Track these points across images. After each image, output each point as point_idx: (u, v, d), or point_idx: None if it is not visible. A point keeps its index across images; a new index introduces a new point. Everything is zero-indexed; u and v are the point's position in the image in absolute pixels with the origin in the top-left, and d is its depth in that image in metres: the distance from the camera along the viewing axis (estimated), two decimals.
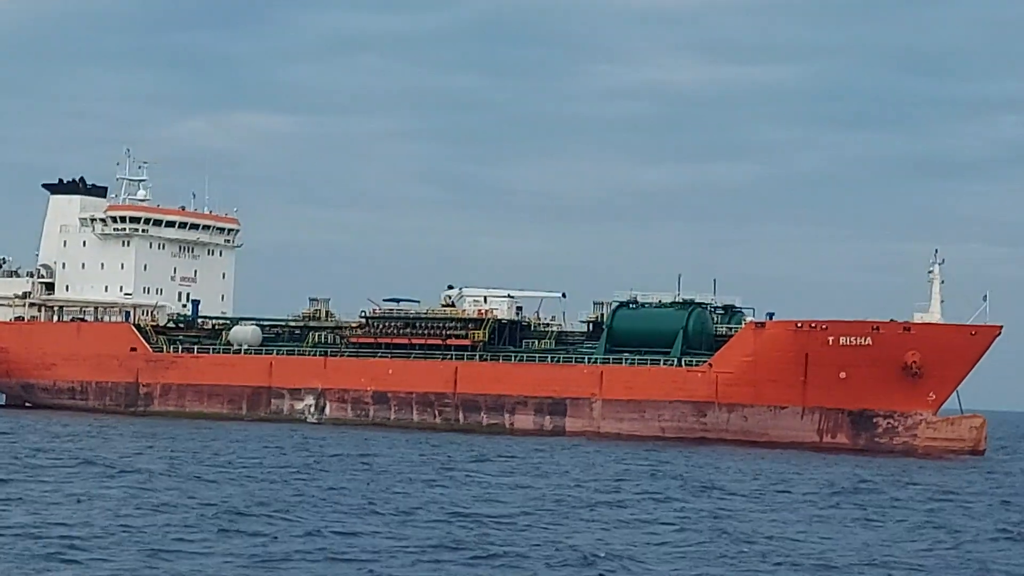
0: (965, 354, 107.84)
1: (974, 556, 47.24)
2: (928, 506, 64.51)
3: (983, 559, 46.53)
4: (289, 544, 42.64)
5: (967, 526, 56.62)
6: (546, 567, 40.83)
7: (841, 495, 68.13)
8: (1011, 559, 46.37)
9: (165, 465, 70.80)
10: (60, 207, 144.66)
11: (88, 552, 39.73)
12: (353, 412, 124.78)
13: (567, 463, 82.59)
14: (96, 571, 37.21)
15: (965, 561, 46.10)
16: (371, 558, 40.76)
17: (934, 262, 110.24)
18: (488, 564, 40.83)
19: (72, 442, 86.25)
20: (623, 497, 62.38)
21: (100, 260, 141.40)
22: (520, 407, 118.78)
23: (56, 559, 38.42)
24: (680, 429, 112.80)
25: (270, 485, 61.28)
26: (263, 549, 41.50)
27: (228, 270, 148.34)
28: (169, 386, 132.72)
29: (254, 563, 39.04)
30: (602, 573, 40.52)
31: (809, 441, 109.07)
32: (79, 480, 60.00)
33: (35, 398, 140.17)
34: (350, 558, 40.58)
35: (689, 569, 41.84)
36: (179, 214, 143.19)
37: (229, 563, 38.77)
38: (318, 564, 39.62)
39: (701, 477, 75.00)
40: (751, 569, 42.47)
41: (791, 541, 48.91)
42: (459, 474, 71.50)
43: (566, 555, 42.86)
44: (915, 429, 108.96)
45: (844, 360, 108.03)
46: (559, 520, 52.19)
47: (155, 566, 38.08)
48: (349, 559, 40.42)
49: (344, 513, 51.22)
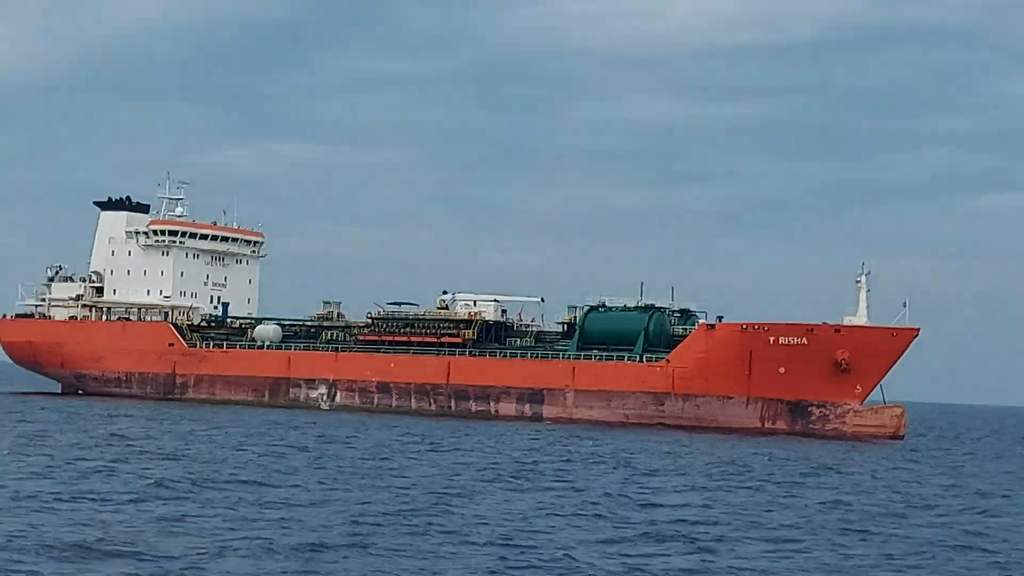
0: (887, 353, 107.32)
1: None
2: (798, 479, 62.98)
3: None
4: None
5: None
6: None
7: (728, 469, 67.29)
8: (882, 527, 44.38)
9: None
10: (109, 222, 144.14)
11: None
12: (360, 400, 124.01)
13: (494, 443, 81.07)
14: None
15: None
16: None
17: (861, 273, 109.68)
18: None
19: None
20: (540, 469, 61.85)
21: (143, 267, 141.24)
22: (504, 396, 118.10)
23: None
24: (641, 416, 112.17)
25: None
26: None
27: (254, 277, 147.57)
28: (202, 377, 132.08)
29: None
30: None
31: (753, 427, 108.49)
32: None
33: (86, 386, 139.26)
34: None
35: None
36: (211, 228, 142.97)
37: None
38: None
39: (626, 456, 73.38)
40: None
41: (669, 507, 47.43)
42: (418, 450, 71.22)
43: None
44: (844, 417, 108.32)
45: (783, 357, 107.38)
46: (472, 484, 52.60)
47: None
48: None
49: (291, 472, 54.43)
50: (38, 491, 43.09)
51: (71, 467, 51.97)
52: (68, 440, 67.21)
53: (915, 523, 45.30)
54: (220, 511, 40.03)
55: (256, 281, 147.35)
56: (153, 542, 33.58)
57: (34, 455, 57.12)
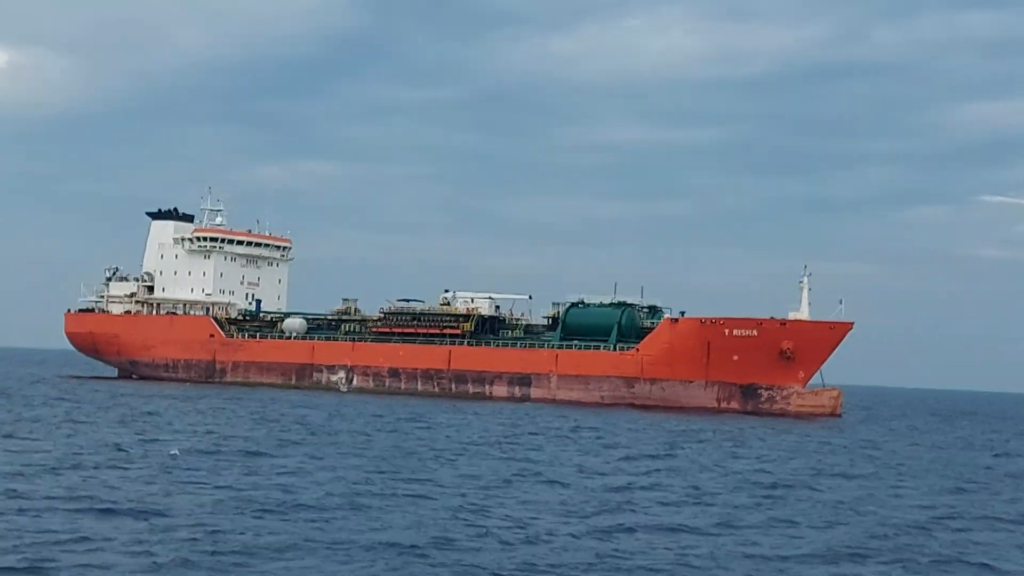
0: (826, 343, 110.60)
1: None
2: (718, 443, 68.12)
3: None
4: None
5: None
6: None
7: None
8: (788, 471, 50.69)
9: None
10: (159, 229, 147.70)
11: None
12: (374, 383, 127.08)
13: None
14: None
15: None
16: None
17: (804, 274, 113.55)
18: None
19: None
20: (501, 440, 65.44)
21: (187, 269, 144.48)
22: (497, 380, 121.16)
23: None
24: (615, 397, 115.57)
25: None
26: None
27: (283, 277, 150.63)
28: (238, 363, 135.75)
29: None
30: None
31: (711, 407, 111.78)
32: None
33: (139, 371, 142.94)
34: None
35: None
36: (246, 235, 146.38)
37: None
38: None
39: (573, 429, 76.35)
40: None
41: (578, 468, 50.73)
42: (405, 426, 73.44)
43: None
44: (789, 398, 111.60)
45: (736, 347, 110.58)
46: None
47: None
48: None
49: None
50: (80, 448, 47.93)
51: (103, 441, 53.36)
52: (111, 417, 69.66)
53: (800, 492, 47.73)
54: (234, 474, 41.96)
55: (285, 281, 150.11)
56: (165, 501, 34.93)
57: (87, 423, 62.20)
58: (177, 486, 38.44)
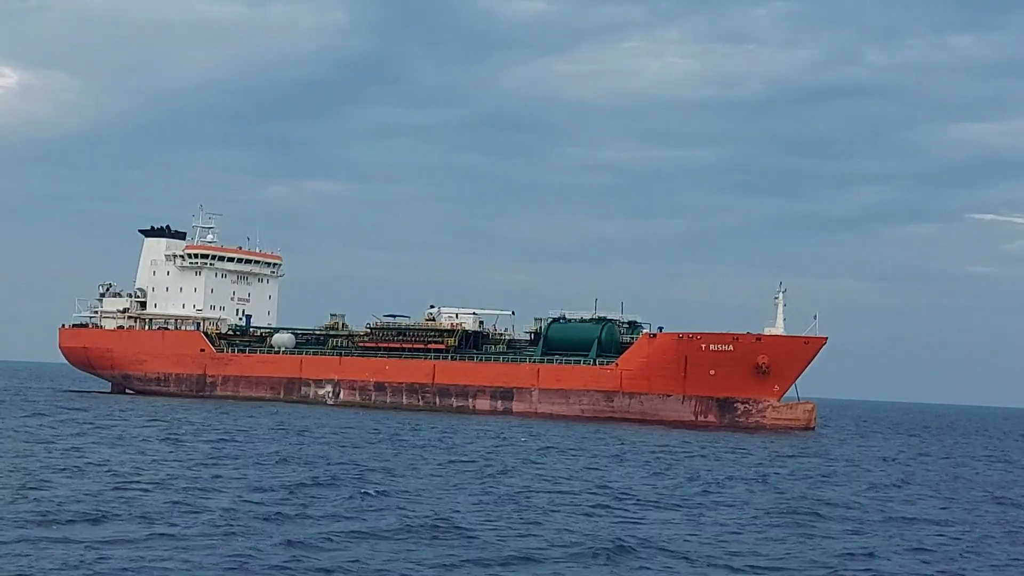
0: (800, 357, 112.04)
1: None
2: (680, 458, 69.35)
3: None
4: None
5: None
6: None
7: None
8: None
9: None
10: (151, 246, 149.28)
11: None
12: (360, 397, 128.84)
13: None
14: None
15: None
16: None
17: (779, 291, 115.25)
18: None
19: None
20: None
21: (179, 285, 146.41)
22: (480, 394, 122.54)
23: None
24: (594, 411, 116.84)
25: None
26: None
27: (273, 293, 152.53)
28: (228, 377, 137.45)
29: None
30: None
31: (688, 420, 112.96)
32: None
33: (131, 385, 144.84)
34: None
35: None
36: (237, 252, 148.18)
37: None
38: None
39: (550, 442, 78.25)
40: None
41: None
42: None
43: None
44: (764, 412, 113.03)
45: (713, 361, 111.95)
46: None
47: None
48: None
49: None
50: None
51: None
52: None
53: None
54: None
55: (276, 297, 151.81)
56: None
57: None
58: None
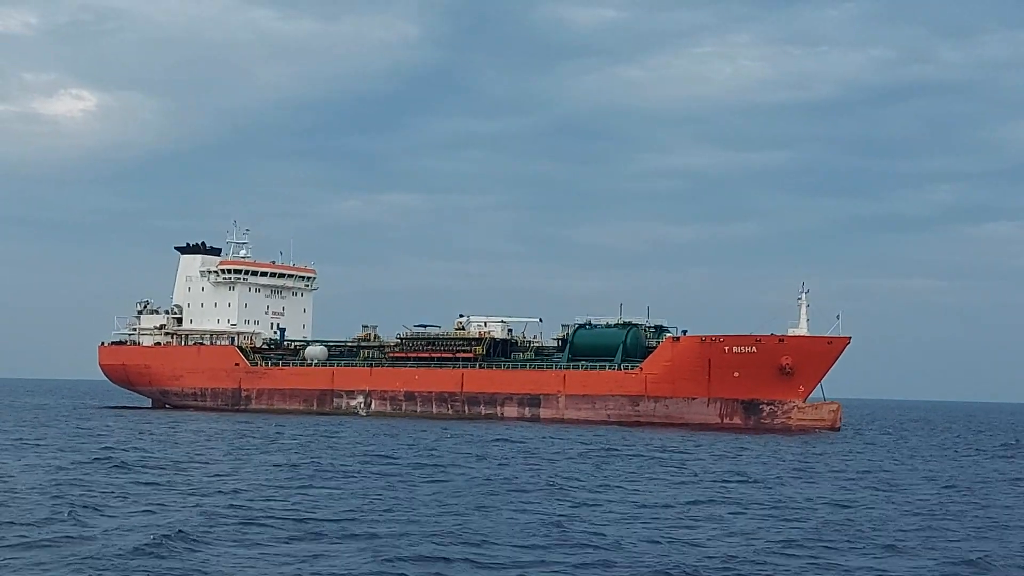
0: (824, 358, 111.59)
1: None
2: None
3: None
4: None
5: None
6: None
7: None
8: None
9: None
10: (187, 263, 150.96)
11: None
12: (391, 407, 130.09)
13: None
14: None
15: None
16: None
17: (801, 291, 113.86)
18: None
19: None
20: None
21: (214, 300, 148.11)
22: (508, 401, 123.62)
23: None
24: (620, 415, 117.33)
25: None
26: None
27: (308, 306, 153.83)
28: (262, 390, 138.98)
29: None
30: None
31: (713, 423, 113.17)
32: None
33: (169, 400, 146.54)
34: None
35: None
36: (270, 267, 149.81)
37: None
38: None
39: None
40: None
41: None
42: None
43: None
44: (789, 413, 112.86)
45: (737, 363, 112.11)
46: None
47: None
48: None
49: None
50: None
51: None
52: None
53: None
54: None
55: (310, 310, 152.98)
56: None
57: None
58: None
